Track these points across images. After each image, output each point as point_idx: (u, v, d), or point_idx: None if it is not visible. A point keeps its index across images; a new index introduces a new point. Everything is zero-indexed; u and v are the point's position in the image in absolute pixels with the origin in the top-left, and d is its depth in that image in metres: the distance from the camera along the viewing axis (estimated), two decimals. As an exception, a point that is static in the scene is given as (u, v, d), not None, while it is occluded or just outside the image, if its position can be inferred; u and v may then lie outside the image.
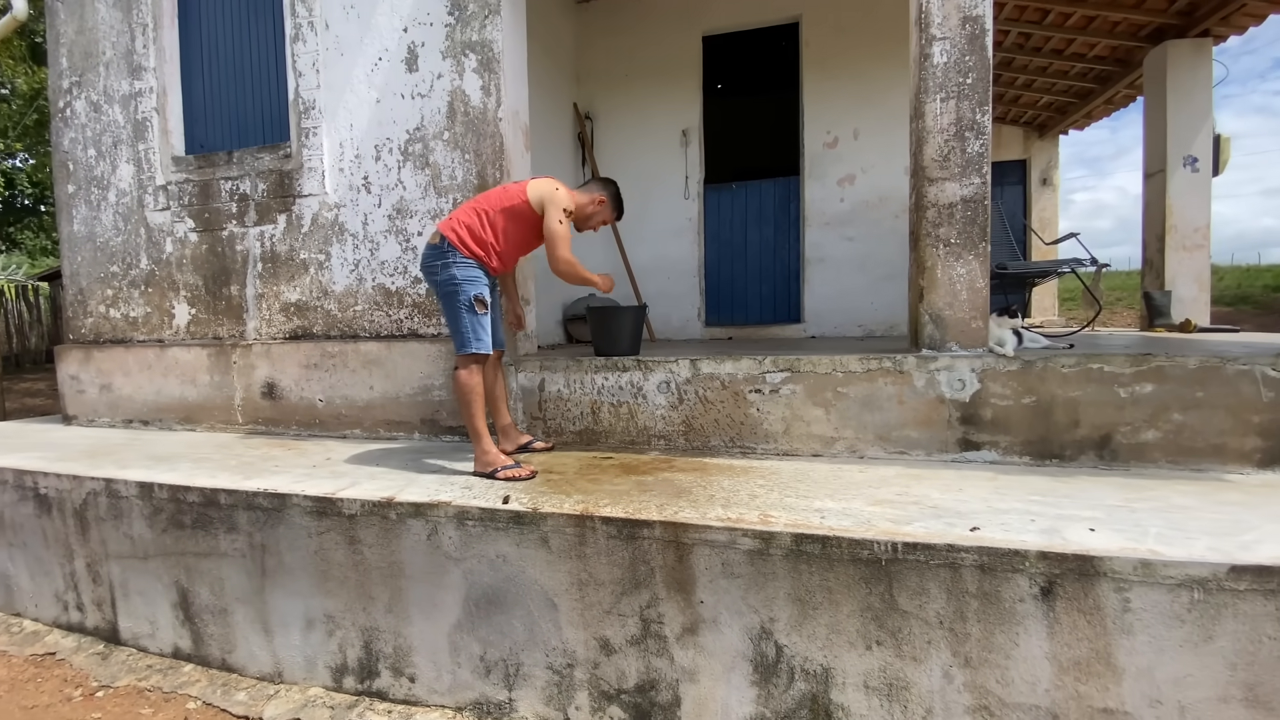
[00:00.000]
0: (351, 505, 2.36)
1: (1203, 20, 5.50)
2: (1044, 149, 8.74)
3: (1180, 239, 5.82)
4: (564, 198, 2.68)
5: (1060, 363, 2.58)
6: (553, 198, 2.65)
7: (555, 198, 2.66)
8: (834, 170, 5.18)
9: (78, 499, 2.88)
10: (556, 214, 2.63)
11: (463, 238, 2.62)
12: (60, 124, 4.34)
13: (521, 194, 2.69)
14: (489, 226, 2.66)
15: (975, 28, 2.70)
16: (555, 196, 2.66)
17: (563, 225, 2.63)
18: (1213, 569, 1.58)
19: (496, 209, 2.68)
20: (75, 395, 4.37)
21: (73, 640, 2.93)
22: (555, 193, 2.67)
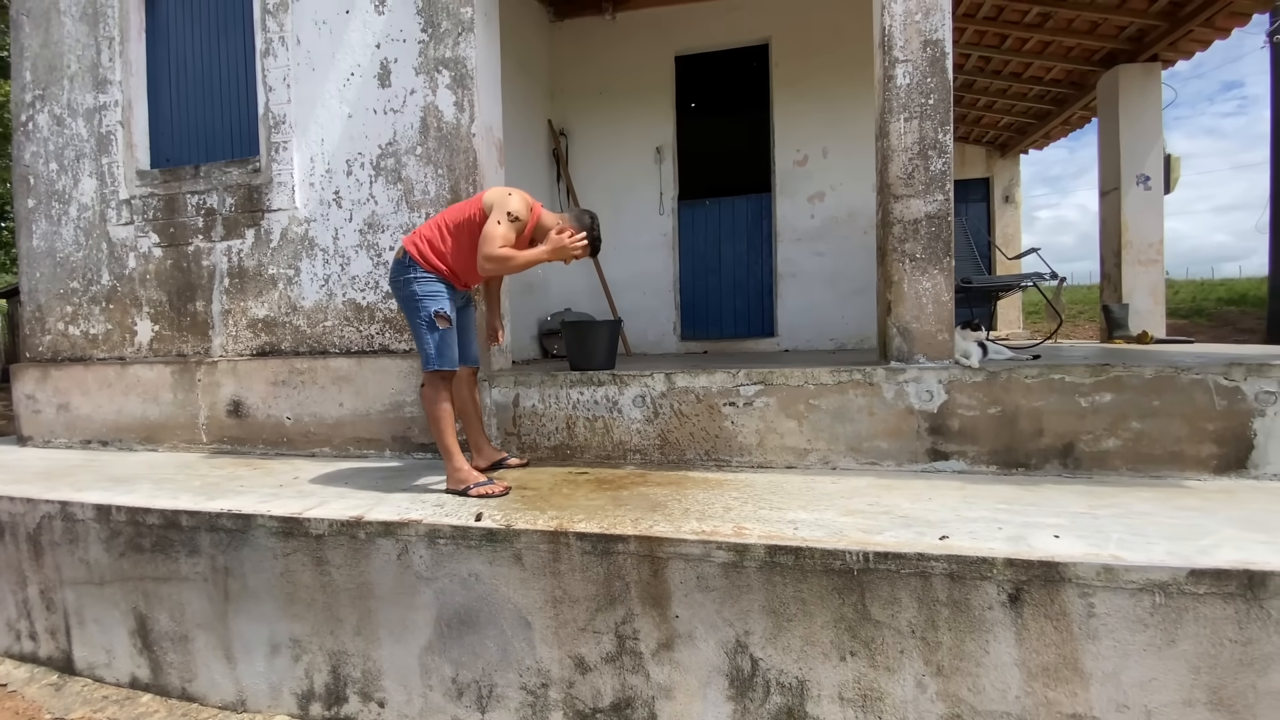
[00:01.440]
0: (319, 525, 2.31)
1: (1151, 45, 5.76)
2: (1006, 167, 9.02)
3: (1135, 254, 6.03)
4: (515, 202, 2.52)
5: (1024, 374, 2.64)
6: (502, 201, 2.51)
7: (503, 201, 2.51)
8: (804, 187, 5.28)
9: (31, 523, 2.77)
10: (498, 214, 2.48)
11: (424, 252, 2.59)
12: (22, 138, 4.23)
13: (478, 203, 2.59)
14: (447, 240, 2.60)
15: (936, 51, 2.79)
16: (503, 200, 2.52)
17: (501, 226, 2.46)
18: (1173, 573, 1.62)
19: (454, 222, 2.61)
20: (31, 415, 4.21)
21: (25, 670, 2.80)
22: (506, 197, 2.53)
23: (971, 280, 3.92)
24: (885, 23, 2.84)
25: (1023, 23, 5.84)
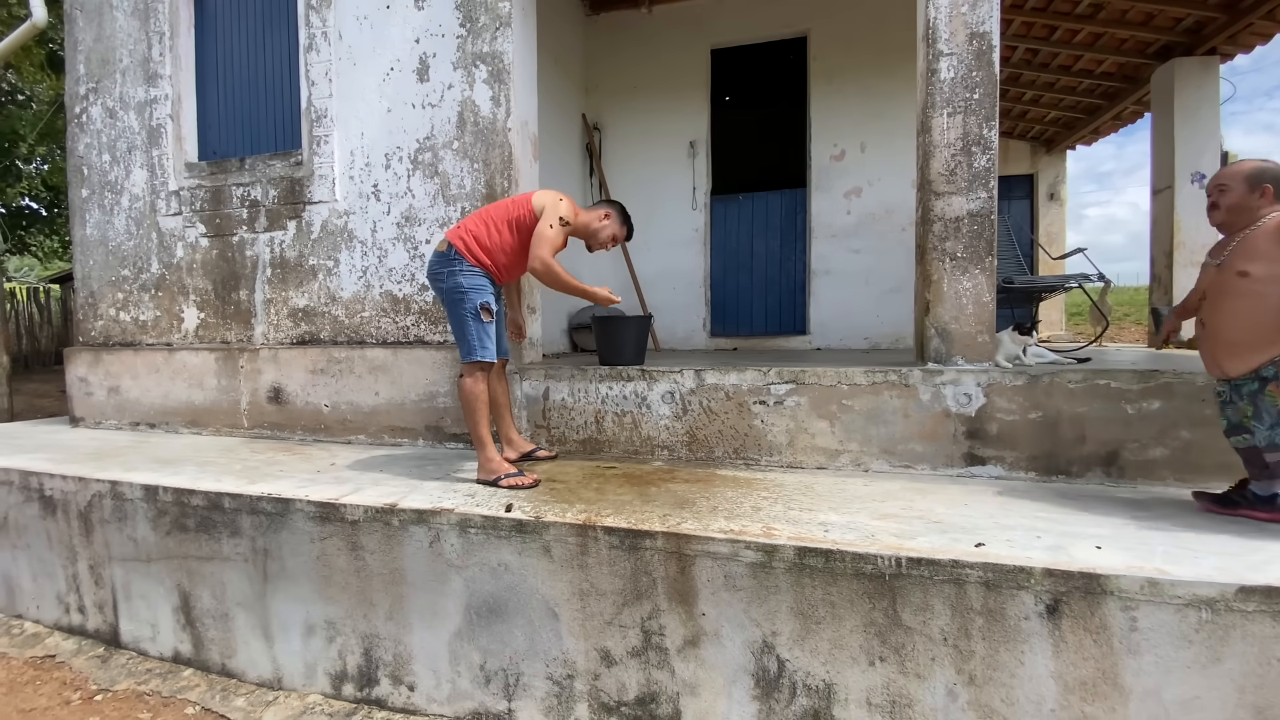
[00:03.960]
0: (355, 511, 2.36)
1: (1210, 39, 5.51)
2: (1051, 164, 8.74)
3: (1188, 255, 5.79)
4: (565, 208, 2.69)
5: (1067, 378, 2.57)
6: (553, 205, 2.66)
7: (555, 206, 2.66)
8: (841, 183, 5.19)
9: (83, 501, 2.89)
10: (550, 219, 2.63)
11: (470, 246, 2.64)
12: (76, 129, 4.40)
13: (527, 204, 2.71)
14: (495, 236, 2.68)
15: (982, 44, 2.71)
16: (555, 205, 2.67)
17: (553, 230, 2.61)
18: (1221, 589, 1.57)
19: (503, 219, 2.70)
20: (83, 397, 4.39)
21: (73, 643, 2.93)
22: (557, 202, 2.68)
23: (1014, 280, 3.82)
24: (930, 14, 2.77)
25: (1073, 14, 5.64)
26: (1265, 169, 2.03)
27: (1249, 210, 2.03)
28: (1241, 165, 2.07)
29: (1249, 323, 1.98)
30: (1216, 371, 2.12)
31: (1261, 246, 1.97)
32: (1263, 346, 1.96)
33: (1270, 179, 2.01)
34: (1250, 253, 1.99)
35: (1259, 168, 2.04)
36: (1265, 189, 2.01)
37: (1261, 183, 2.02)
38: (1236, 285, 2.00)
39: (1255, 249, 1.98)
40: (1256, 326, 1.96)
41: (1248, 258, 1.99)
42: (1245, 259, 1.99)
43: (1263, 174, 2.02)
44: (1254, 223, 2.02)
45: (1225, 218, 2.10)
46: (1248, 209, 2.04)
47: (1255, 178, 2.02)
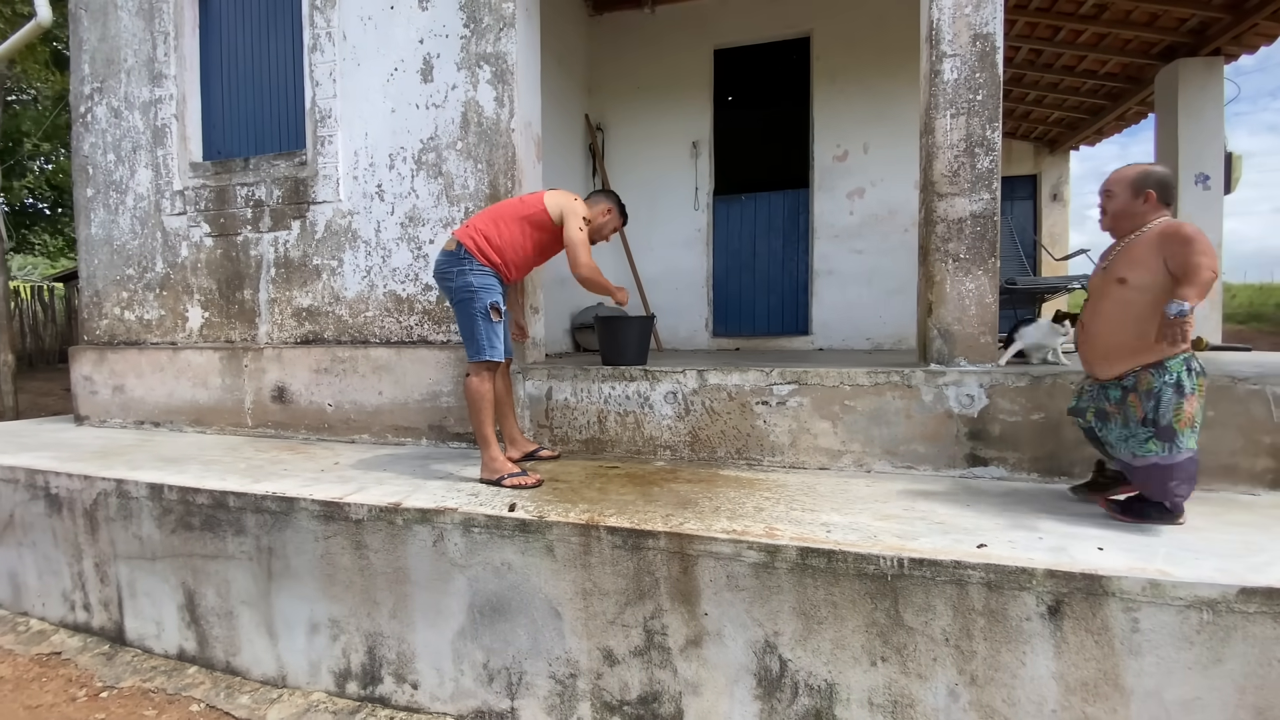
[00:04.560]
0: (359, 510, 2.38)
1: (1214, 39, 5.50)
2: (1055, 164, 8.73)
3: (1191, 257, 5.79)
4: (582, 208, 2.77)
5: (1070, 379, 2.57)
6: (572, 208, 2.73)
7: (574, 208, 2.74)
8: (843, 183, 5.19)
9: (88, 499, 2.91)
10: (576, 222, 2.70)
11: (480, 245, 2.65)
12: (81, 129, 4.42)
13: (539, 204, 2.75)
14: (506, 235, 2.70)
15: (986, 45, 2.72)
16: (574, 206, 2.75)
17: (582, 233, 2.71)
18: (1222, 590, 1.57)
19: (513, 217, 2.73)
20: (88, 396, 4.41)
21: (78, 640, 2.95)
22: (574, 203, 2.76)
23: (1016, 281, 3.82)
24: (933, 16, 2.77)
25: (1077, 15, 5.64)
26: (1149, 174, 2.02)
27: (1133, 216, 2.03)
28: (1126, 171, 2.07)
29: (1120, 329, 1.99)
30: (1090, 371, 2.14)
31: (1140, 255, 1.97)
32: (1129, 354, 1.97)
33: (1153, 184, 2.00)
34: (1130, 260, 2.00)
35: (1143, 173, 2.03)
36: (1148, 194, 2.01)
37: (1145, 188, 2.01)
38: (1114, 291, 2.01)
39: (1134, 257, 1.99)
40: (1126, 333, 1.97)
41: (1127, 265, 2.00)
42: (1125, 266, 2.00)
43: (1146, 179, 2.01)
44: (1139, 229, 2.02)
45: (1112, 224, 2.11)
46: (1132, 215, 2.04)
47: (1139, 183, 2.02)
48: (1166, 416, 1.90)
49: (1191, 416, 1.90)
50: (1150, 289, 1.92)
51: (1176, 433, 1.89)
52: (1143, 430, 1.94)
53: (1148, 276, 1.93)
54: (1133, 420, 1.97)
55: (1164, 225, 1.97)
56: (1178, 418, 1.89)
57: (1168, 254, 1.89)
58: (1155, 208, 2.01)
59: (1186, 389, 1.89)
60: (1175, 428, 1.89)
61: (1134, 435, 1.97)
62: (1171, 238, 1.91)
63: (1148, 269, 1.93)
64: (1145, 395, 1.93)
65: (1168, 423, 1.90)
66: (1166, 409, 1.90)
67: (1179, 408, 1.89)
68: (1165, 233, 1.94)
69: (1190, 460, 1.92)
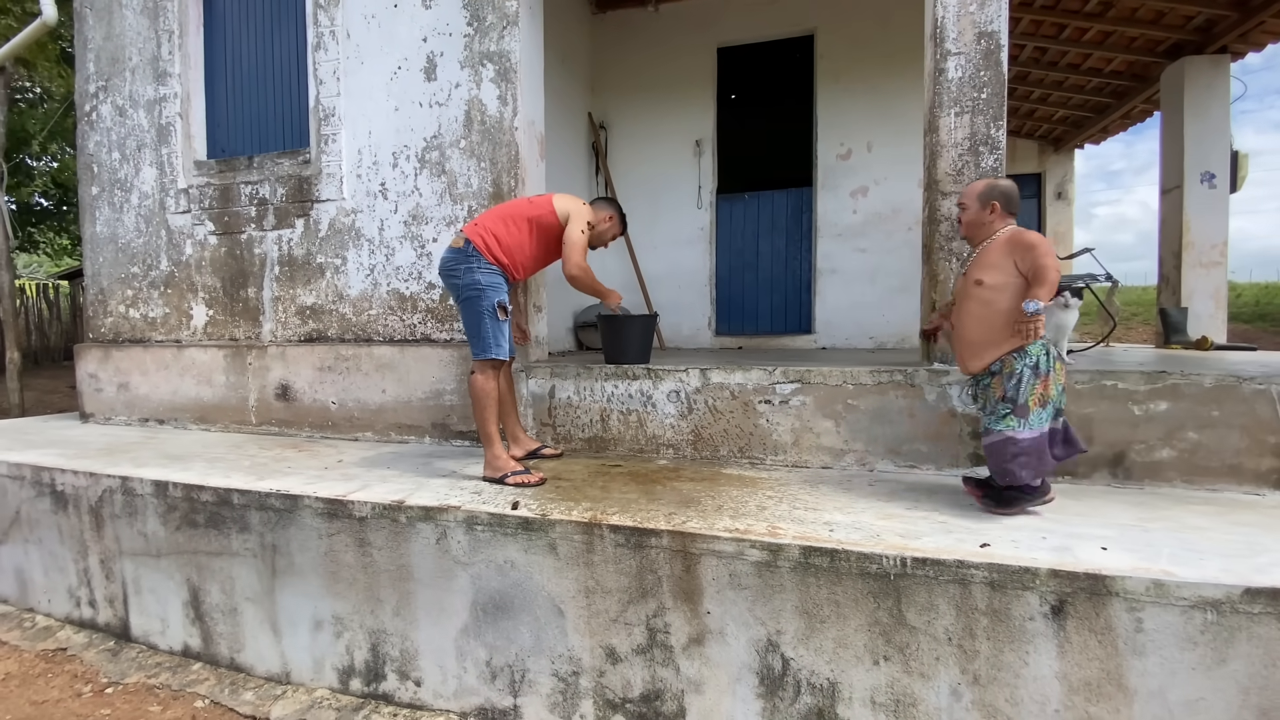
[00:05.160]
0: (362, 508, 2.38)
1: (1221, 37, 5.48)
2: (1059, 163, 8.70)
3: (1197, 255, 5.77)
4: (589, 213, 2.87)
5: (1073, 379, 2.56)
6: (579, 211, 2.83)
7: (582, 211, 2.83)
8: (847, 182, 5.18)
9: (94, 496, 2.92)
10: (580, 225, 2.79)
11: (489, 244, 2.67)
12: (86, 127, 4.43)
13: (548, 205, 2.80)
14: (516, 234, 2.74)
15: (990, 43, 2.71)
16: (582, 211, 2.84)
17: (583, 235, 2.79)
18: (1227, 591, 1.57)
19: (522, 217, 2.77)
20: (93, 393, 4.43)
21: (84, 636, 2.96)
22: (581, 207, 2.85)
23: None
24: (938, 14, 2.76)
25: (1083, 12, 5.62)
26: (992, 188, 2.22)
27: (983, 225, 2.23)
28: (974, 185, 2.26)
29: (982, 325, 2.17)
30: (963, 367, 2.28)
31: (993, 259, 2.16)
32: (992, 346, 2.14)
33: (997, 196, 2.20)
34: (984, 263, 2.19)
35: (988, 186, 2.23)
36: (993, 205, 2.20)
37: (990, 200, 2.21)
38: (974, 292, 2.19)
39: (988, 261, 2.18)
40: (988, 329, 2.14)
41: (982, 268, 2.18)
42: (980, 269, 2.19)
43: (991, 192, 2.21)
44: (989, 236, 2.22)
45: (966, 232, 2.30)
46: (982, 224, 2.23)
47: (985, 196, 2.22)
48: (1024, 395, 2.07)
49: (1044, 396, 2.07)
50: (1004, 288, 2.12)
51: (1029, 410, 2.06)
52: (1001, 406, 2.11)
53: (1001, 278, 2.13)
54: (993, 399, 2.14)
55: (1010, 233, 2.17)
56: (1031, 395, 2.06)
57: (1017, 258, 2.10)
58: (1001, 217, 2.21)
59: (1043, 370, 2.07)
60: (1029, 405, 2.06)
61: (994, 412, 2.14)
62: (1019, 244, 2.11)
63: (1001, 271, 2.13)
64: (1007, 376, 2.10)
65: (1024, 400, 2.06)
66: (1025, 388, 2.07)
67: (1033, 387, 2.06)
68: (1012, 240, 2.14)
69: (1040, 437, 2.07)
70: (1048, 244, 2.09)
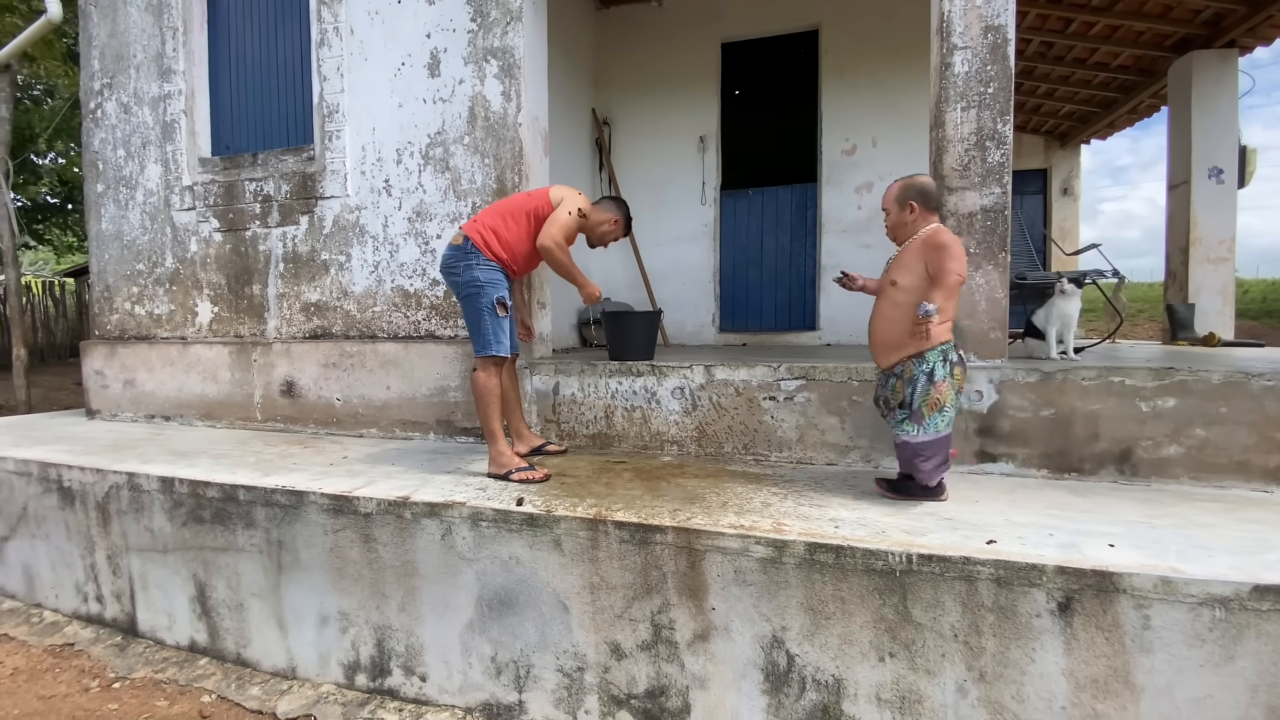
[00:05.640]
0: (367, 504, 2.39)
1: (1229, 31, 5.44)
2: (1065, 158, 8.65)
3: (1205, 251, 5.74)
4: (584, 202, 2.78)
5: (1080, 375, 2.55)
6: (572, 198, 2.76)
7: (575, 199, 2.76)
8: (852, 177, 5.16)
9: (100, 492, 2.93)
10: (570, 208, 2.72)
11: (488, 240, 2.66)
12: (91, 125, 4.44)
13: (544, 196, 2.77)
14: (514, 229, 2.72)
15: (997, 37, 2.69)
16: (575, 198, 2.77)
17: (570, 218, 2.70)
18: (1235, 588, 1.56)
19: (521, 211, 2.75)
20: (99, 390, 4.45)
21: (91, 631, 2.98)
22: (577, 196, 2.78)
23: (1026, 276, 3.79)
24: (944, 8, 2.74)
25: (1090, 6, 5.58)
26: (908, 187, 2.24)
27: (905, 226, 2.26)
28: (892, 188, 2.29)
29: (892, 325, 2.21)
30: (876, 362, 2.35)
31: (908, 260, 2.20)
32: (899, 347, 2.19)
33: (914, 195, 2.22)
34: (900, 265, 2.23)
35: (903, 186, 2.25)
36: (911, 205, 2.22)
37: (907, 200, 2.23)
38: (888, 292, 2.25)
39: (903, 262, 2.22)
40: (896, 330, 2.19)
41: (898, 269, 2.23)
42: (896, 270, 2.24)
43: (907, 191, 2.24)
44: (912, 236, 2.24)
45: (891, 234, 2.33)
46: (904, 224, 2.26)
47: (902, 197, 2.25)
48: (918, 401, 2.13)
49: (938, 402, 2.11)
50: (913, 290, 2.15)
51: (924, 416, 2.12)
52: (900, 412, 2.18)
53: (911, 279, 2.17)
54: (895, 403, 2.20)
55: (928, 233, 2.18)
56: (925, 402, 2.12)
57: (928, 259, 2.13)
58: (922, 215, 2.22)
59: (937, 377, 2.11)
60: (923, 411, 2.12)
61: (893, 416, 2.21)
62: (930, 245, 2.14)
63: (912, 272, 2.18)
64: (908, 382, 2.16)
65: (918, 406, 2.13)
66: (919, 394, 2.12)
67: (928, 393, 2.12)
68: (927, 240, 2.17)
69: (937, 441, 2.13)
70: (959, 247, 2.11)
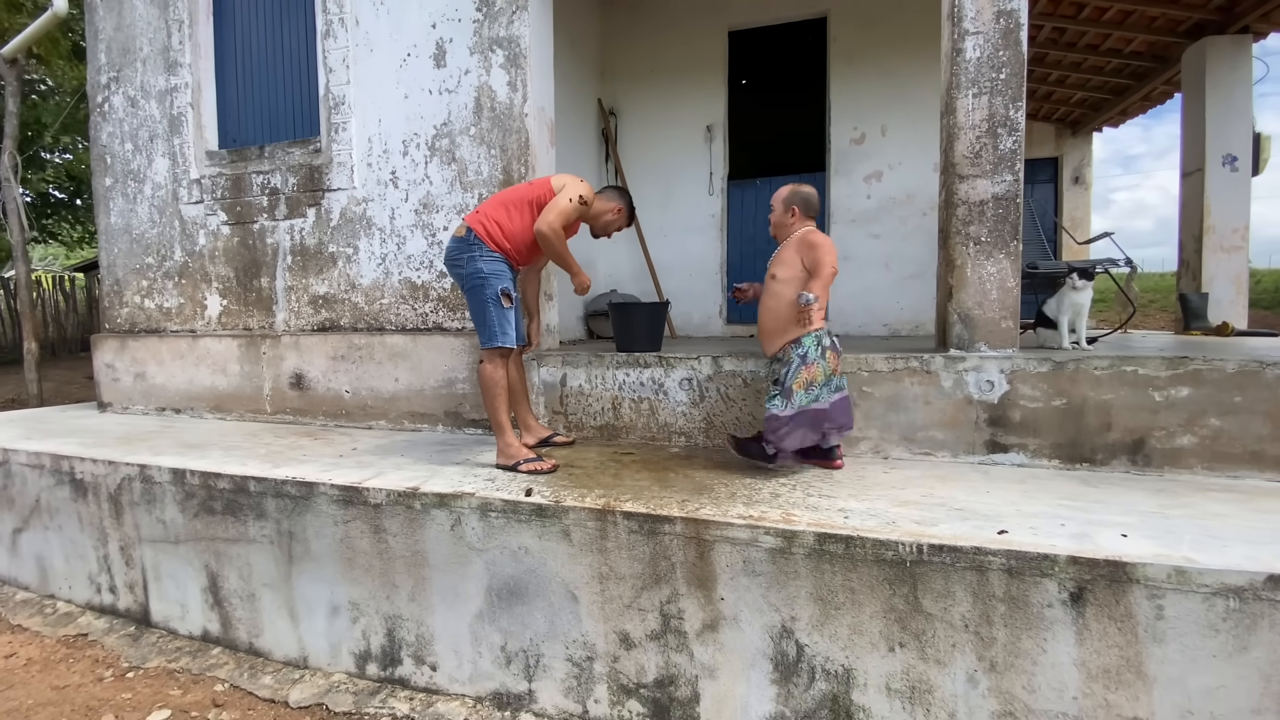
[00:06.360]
0: (377, 495, 2.40)
1: (1243, 16, 5.34)
2: (1077, 146, 8.55)
3: (1218, 240, 5.66)
4: (586, 190, 2.75)
5: (1093, 365, 2.53)
6: (574, 184, 2.73)
7: (576, 185, 2.73)
8: (861, 167, 5.12)
9: (113, 484, 2.96)
10: (571, 194, 2.69)
11: (491, 231, 2.65)
12: (98, 119, 4.45)
13: (547, 184, 2.75)
14: (517, 218, 2.70)
15: (1010, 22, 2.65)
16: (576, 184, 2.73)
17: (570, 204, 2.67)
18: (1250, 578, 1.54)
19: (524, 200, 2.73)
20: (110, 383, 4.48)
21: (104, 622, 3.01)
22: (579, 183, 2.74)
23: (1038, 265, 3.75)
24: (954, -7, 2.70)
25: (1102, -9, 5.49)
26: (794, 194, 2.54)
27: (785, 226, 2.57)
28: (781, 191, 2.57)
29: (774, 315, 2.47)
30: (762, 349, 2.60)
31: (786, 256, 2.48)
32: (781, 334, 2.45)
33: (796, 201, 2.53)
34: (780, 260, 2.51)
35: (790, 192, 2.55)
36: (793, 209, 2.53)
37: (791, 205, 2.53)
38: (770, 285, 2.51)
39: (783, 258, 2.50)
40: (778, 319, 2.46)
41: (778, 264, 2.50)
42: (776, 265, 2.51)
43: (791, 198, 2.54)
44: (789, 236, 2.53)
45: (774, 232, 2.63)
46: (784, 225, 2.56)
47: (788, 201, 2.54)
48: (790, 380, 2.37)
49: (807, 381, 2.37)
50: (790, 282, 2.42)
51: (793, 393, 2.37)
52: (774, 388, 2.42)
53: (790, 273, 2.44)
54: (771, 381, 2.47)
55: (803, 233, 2.49)
56: (796, 381, 2.37)
57: (803, 255, 2.42)
58: (800, 219, 2.53)
59: (810, 359, 2.38)
60: (792, 388, 2.37)
61: (769, 392, 2.45)
62: (806, 243, 2.44)
63: (791, 267, 2.45)
64: (784, 364, 2.41)
65: (789, 384, 2.37)
66: (793, 374, 2.37)
67: (799, 374, 2.37)
68: (803, 239, 2.46)
69: (800, 415, 2.37)
70: (830, 244, 2.40)
